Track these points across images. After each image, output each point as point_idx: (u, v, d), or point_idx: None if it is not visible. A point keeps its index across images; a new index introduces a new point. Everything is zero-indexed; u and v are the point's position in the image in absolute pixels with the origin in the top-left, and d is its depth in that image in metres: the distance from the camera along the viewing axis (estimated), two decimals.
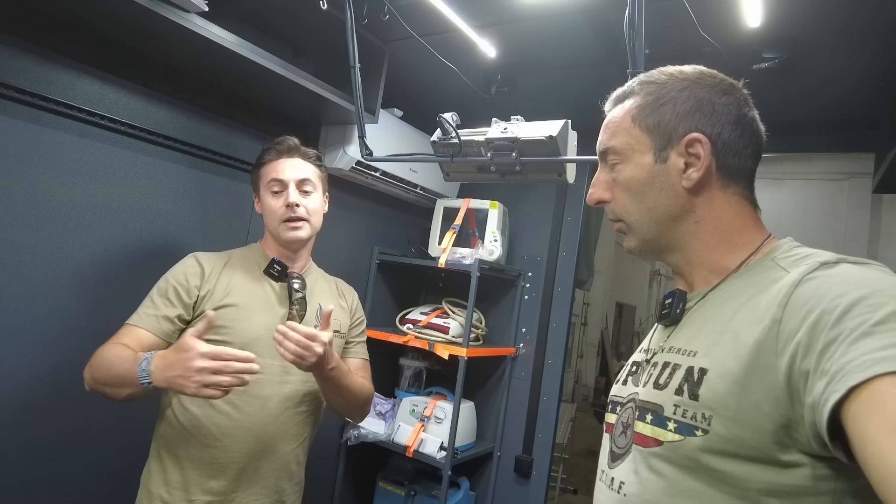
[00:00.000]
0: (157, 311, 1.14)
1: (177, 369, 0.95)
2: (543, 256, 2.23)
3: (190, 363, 0.94)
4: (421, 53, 1.57)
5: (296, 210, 1.22)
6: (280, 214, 1.23)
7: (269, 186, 1.24)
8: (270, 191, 1.24)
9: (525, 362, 2.20)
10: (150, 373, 0.98)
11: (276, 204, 1.23)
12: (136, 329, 1.13)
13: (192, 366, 0.94)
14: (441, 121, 1.32)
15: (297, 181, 1.24)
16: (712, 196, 0.69)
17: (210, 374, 0.95)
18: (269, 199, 1.25)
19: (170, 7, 1.15)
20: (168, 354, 0.99)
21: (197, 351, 0.95)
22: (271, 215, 1.24)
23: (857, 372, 0.47)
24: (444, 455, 1.92)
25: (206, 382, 0.94)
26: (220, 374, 0.95)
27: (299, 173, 1.25)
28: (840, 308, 0.52)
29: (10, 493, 1.25)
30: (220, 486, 1.15)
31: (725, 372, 0.58)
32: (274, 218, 1.24)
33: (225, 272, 1.23)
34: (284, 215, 1.23)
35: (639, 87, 0.73)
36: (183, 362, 0.95)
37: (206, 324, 1.01)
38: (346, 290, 1.43)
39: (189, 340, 0.96)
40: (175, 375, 0.95)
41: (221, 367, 0.95)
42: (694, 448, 0.58)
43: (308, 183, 1.26)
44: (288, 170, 1.24)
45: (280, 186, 1.24)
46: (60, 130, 1.30)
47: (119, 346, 1.09)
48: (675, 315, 0.72)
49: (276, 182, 1.24)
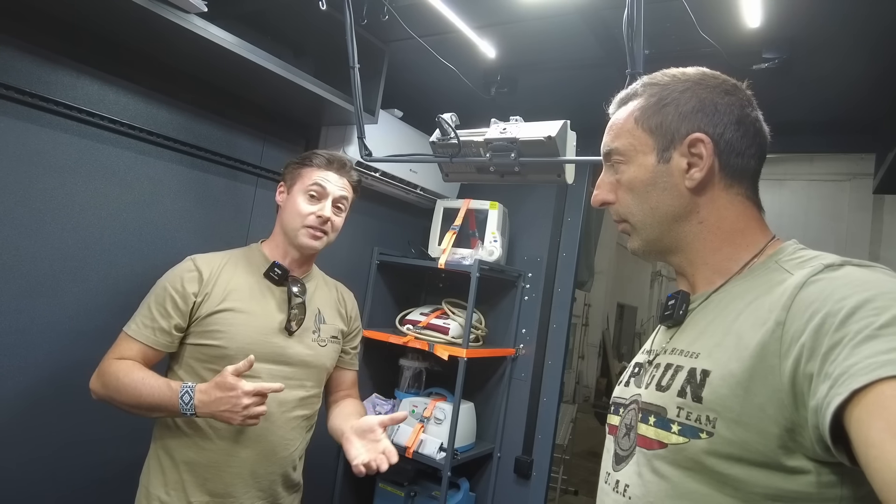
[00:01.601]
0: (153, 324, 1.15)
1: (224, 405, 1.04)
2: (543, 257, 2.22)
3: (238, 401, 1.04)
4: (421, 54, 1.57)
5: (324, 224, 1.24)
6: (308, 220, 1.23)
7: (309, 189, 1.24)
8: (308, 193, 1.24)
9: (525, 363, 2.20)
10: (193, 406, 1.06)
11: (309, 209, 1.24)
12: (135, 344, 1.15)
13: (241, 403, 1.04)
14: (440, 121, 1.32)
15: (337, 197, 1.27)
16: (715, 196, 0.69)
17: (254, 406, 1.05)
18: (302, 201, 1.24)
19: (169, 8, 1.15)
20: (212, 391, 1.05)
21: (243, 390, 1.04)
22: (297, 216, 1.24)
23: (861, 375, 0.47)
24: (443, 456, 1.92)
25: (252, 415, 1.05)
26: (261, 404, 1.06)
27: (342, 191, 1.28)
28: (844, 311, 0.51)
29: (10, 493, 1.25)
30: (217, 489, 1.15)
31: (728, 374, 0.58)
32: (298, 220, 1.24)
33: (224, 274, 1.22)
34: (311, 223, 1.23)
35: (642, 88, 0.73)
36: (231, 399, 1.04)
37: (246, 365, 1.06)
38: (347, 297, 1.43)
39: (232, 380, 1.04)
40: (223, 410, 1.04)
41: (262, 401, 1.06)
42: (699, 451, 0.58)
43: (343, 203, 1.29)
44: (334, 184, 1.26)
45: (320, 194, 1.25)
46: (60, 131, 1.30)
47: (132, 365, 1.13)
48: (678, 316, 0.72)
49: (319, 189, 1.24)
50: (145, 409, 1.09)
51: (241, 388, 1.03)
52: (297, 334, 1.24)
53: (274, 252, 1.29)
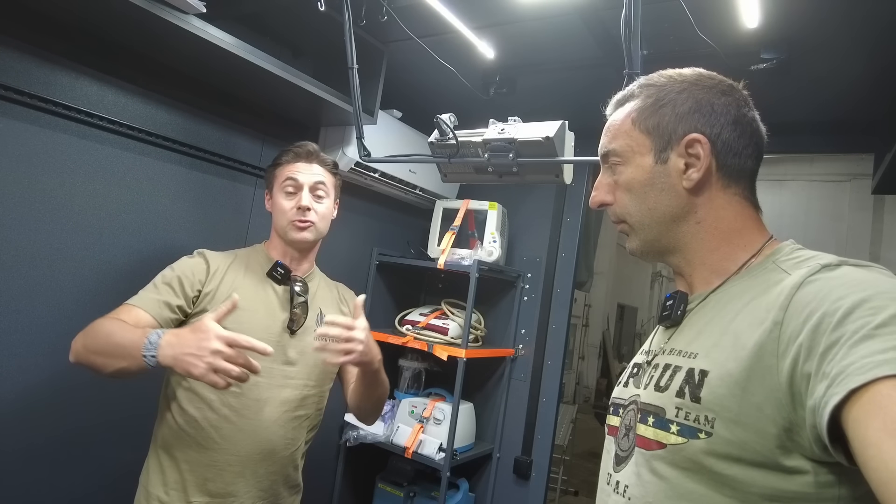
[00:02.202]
0: (158, 296, 1.13)
1: (190, 347, 0.93)
2: (543, 257, 2.22)
3: (206, 343, 0.92)
4: (419, 55, 1.57)
5: (306, 213, 1.24)
6: (290, 215, 1.24)
7: (284, 186, 1.26)
8: (284, 191, 1.26)
9: (524, 363, 2.20)
10: (158, 346, 0.95)
11: (288, 204, 1.25)
12: (135, 309, 1.11)
13: (208, 346, 0.92)
14: (438, 122, 1.32)
15: (312, 185, 1.26)
16: (713, 196, 0.69)
17: (222, 360, 0.92)
18: (282, 199, 1.26)
19: (168, 9, 1.15)
20: (183, 332, 0.97)
21: (215, 333, 0.93)
22: (281, 214, 1.25)
23: (858, 375, 0.47)
24: (443, 456, 1.91)
25: (217, 367, 0.92)
26: (232, 361, 0.93)
27: (315, 177, 1.27)
28: (841, 311, 0.51)
29: (10, 493, 1.25)
30: (217, 489, 1.15)
31: (726, 374, 0.58)
32: (283, 217, 1.25)
33: (230, 272, 1.23)
34: (294, 216, 1.24)
35: (639, 90, 0.74)
36: (199, 341, 0.93)
37: (228, 306, 0.99)
38: (348, 297, 1.43)
39: (208, 322, 0.95)
40: (186, 353, 0.93)
41: (235, 356, 0.94)
42: (697, 451, 0.58)
43: (322, 188, 1.28)
44: (305, 173, 1.26)
45: (294, 187, 1.25)
46: (60, 132, 1.30)
47: (120, 321, 1.07)
48: (676, 317, 0.72)
49: (292, 182, 1.25)
50: (109, 352, 1.00)
51: (215, 331, 0.93)
52: (299, 333, 1.25)
53: (274, 253, 1.30)
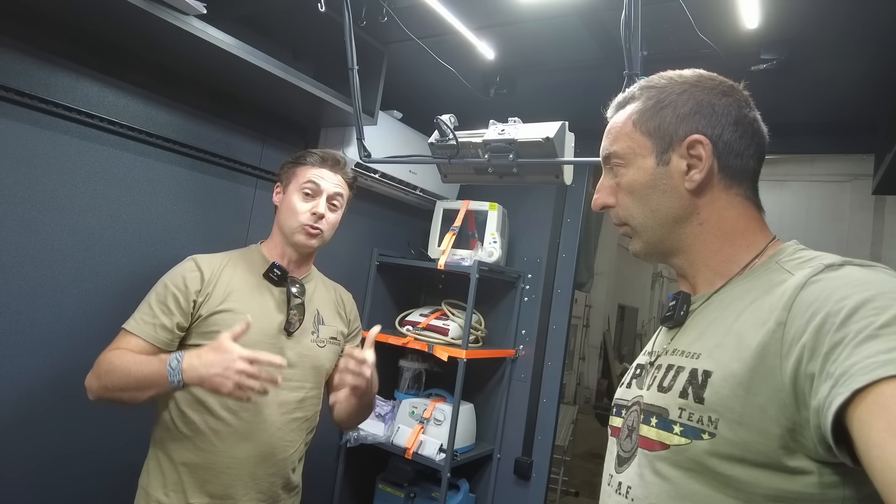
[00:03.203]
0: (154, 320, 1.14)
1: (216, 367, 0.99)
2: (543, 258, 2.22)
3: (232, 364, 0.98)
4: (420, 55, 1.57)
5: (319, 221, 1.25)
6: (303, 218, 1.24)
7: (303, 187, 1.25)
8: (302, 191, 1.26)
9: (525, 364, 2.20)
10: (181, 371, 1.01)
11: (303, 207, 1.25)
12: (134, 338, 1.13)
13: (234, 367, 0.98)
14: (438, 123, 1.32)
15: (331, 193, 1.27)
16: (715, 197, 0.69)
17: (247, 377, 0.99)
18: (297, 199, 1.25)
19: (168, 10, 1.15)
20: (205, 354, 1.02)
21: (238, 353, 0.99)
22: (293, 215, 1.25)
23: (862, 375, 0.47)
24: (443, 457, 1.91)
25: (243, 384, 0.99)
26: (255, 378, 1.00)
27: (336, 188, 1.28)
28: (845, 311, 0.51)
29: (10, 494, 1.25)
30: (217, 490, 1.15)
31: (729, 374, 0.58)
32: (294, 218, 1.24)
33: (224, 275, 1.22)
34: (307, 221, 1.24)
35: (639, 92, 0.74)
36: (224, 362, 0.99)
37: (243, 327, 1.04)
38: (346, 298, 1.43)
39: (228, 343, 1.01)
40: (214, 374, 0.99)
41: (257, 373, 1.00)
42: (701, 451, 0.58)
43: (338, 199, 1.29)
44: (328, 180, 1.27)
45: (314, 192, 1.26)
46: (60, 132, 1.30)
47: (125, 351, 1.10)
48: (679, 317, 0.72)
49: (313, 186, 1.25)
50: (134, 387, 1.05)
51: (237, 352, 0.99)
52: (296, 335, 1.24)
53: (272, 253, 1.29)
